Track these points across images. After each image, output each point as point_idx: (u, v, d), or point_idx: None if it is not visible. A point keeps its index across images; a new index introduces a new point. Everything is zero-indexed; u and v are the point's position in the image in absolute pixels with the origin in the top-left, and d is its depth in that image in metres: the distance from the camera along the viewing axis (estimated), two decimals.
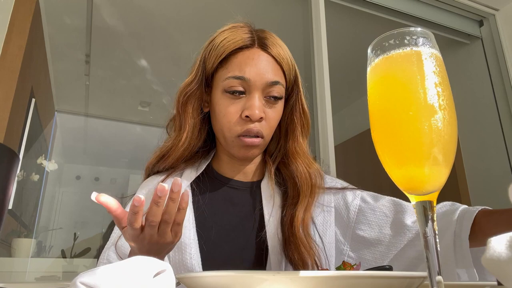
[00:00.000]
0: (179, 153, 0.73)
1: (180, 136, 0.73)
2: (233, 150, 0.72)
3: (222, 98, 0.71)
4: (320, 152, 1.67)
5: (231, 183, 0.78)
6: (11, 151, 0.33)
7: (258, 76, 0.69)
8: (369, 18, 2.04)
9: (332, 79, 1.75)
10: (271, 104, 0.72)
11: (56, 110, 3.07)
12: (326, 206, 0.77)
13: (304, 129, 0.78)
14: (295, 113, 0.77)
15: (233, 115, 0.69)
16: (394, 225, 0.72)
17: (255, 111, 0.68)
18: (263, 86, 0.70)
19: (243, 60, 0.70)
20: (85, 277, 0.32)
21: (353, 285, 0.38)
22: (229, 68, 0.71)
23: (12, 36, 1.33)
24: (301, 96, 0.77)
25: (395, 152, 0.34)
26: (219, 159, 0.79)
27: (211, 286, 0.39)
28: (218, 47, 0.71)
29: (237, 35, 0.72)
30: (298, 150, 0.76)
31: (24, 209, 2.14)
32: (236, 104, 0.70)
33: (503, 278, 0.31)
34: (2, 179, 0.31)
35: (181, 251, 0.68)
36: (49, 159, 2.47)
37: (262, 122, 0.70)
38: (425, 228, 0.33)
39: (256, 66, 0.69)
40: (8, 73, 1.35)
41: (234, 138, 0.70)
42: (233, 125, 0.70)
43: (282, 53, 0.74)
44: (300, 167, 0.74)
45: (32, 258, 2.06)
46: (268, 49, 0.72)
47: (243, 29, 0.74)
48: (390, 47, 0.35)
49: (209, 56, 0.73)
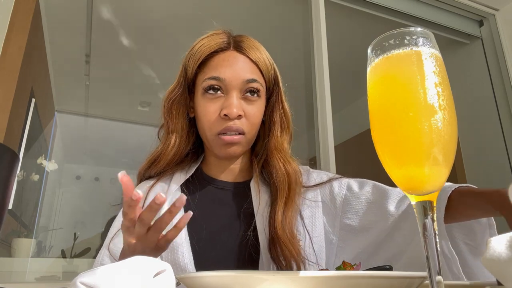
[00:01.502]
0: (169, 157, 0.76)
1: (169, 141, 0.76)
2: (216, 149, 0.75)
3: (202, 100, 0.74)
4: (320, 152, 1.67)
5: (219, 184, 0.80)
6: (11, 151, 0.33)
7: (234, 76, 0.72)
8: (369, 18, 2.04)
9: (332, 79, 1.75)
10: (250, 101, 0.74)
11: (56, 110, 3.07)
12: (313, 201, 0.79)
13: (284, 127, 0.80)
14: (275, 112, 0.79)
15: (212, 115, 0.72)
16: (378, 211, 0.74)
17: (233, 109, 0.70)
18: (239, 84, 0.72)
19: (219, 62, 0.74)
20: (85, 277, 0.32)
21: (353, 285, 0.38)
22: (206, 71, 0.74)
23: (12, 36, 1.33)
24: (281, 95, 0.80)
25: (395, 152, 0.34)
26: (208, 161, 0.82)
27: (211, 286, 0.39)
28: (196, 53, 0.75)
29: (213, 40, 0.76)
30: (276, 147, 0.77)
31: (24, 209, 2.14)
32: (214, 104, 0.73)
33: (503, 278, 0.31)
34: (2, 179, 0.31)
35: (173, 251, 0.69)
36: (49, 159, 2.47)
37: (242, 120, 0.73)
38: (425, 228, 0.33)
39: (231, 67, 0.73)
40: (8, 73, 1.35)
41: (215, 137, 0.73)
42: (212, 124, 0.72)
43: (258, 53, 0.77)
44: (277, 163, 0.76)
45: (32, 258, 2.06)
46: (244, 51, 0.75)
47: (220, 35, 0.77)
48: (390, 47, 0.35)
49: (189, 63, 0.76)
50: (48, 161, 2.35)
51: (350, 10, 1.99)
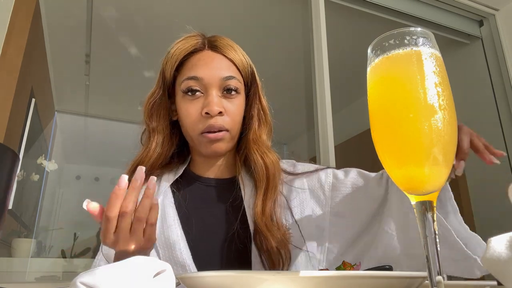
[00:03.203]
0: (152, 159, 0.76)
1: (150, 145, 0.77)
2: (201, 148, 0.76)
3: (182, 101, 0.76)
4: (320, 152, 1.67)
5: (208, 181, 0.82)
6: (11, 151, 0.33)
7: (211, 74, 0.74)
8: (369, 18, 2.04)
9: (332, 79, 1.75)
10: (230, 98, 0.76)
11: (56, 110, 3.07)
12: (301, 189, 0.81)
13: (262, 120, 0.82)
14: (253, 107, 0.81)
15: (194, 114, 0.74)
16: (365, 194, 0.77)
17: (214, 107, 0.71)
18: (217, 82, 0.74)
19: (194, 62, 0.76)
20: (85, 277, 0.32)
21: (353, 285, 0.38)
22: (183, 72, 0.76)
23: (12, 36, 1.33)
24: (259, 89, 0.82)
25: (395, 152, 0.34)
26: (194, 161, 0.84)
27: (211, 286, 0.39)
28: (172, 56, 0.77)
29: (187, 42, 0.78)
30: (253, 139, 0.79)
31: (24, 209, 2.14)
32: (195, 104, 0.74)
33: (503, 278, 0.31)
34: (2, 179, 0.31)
35: (170, 248, 0.71)
36: (49, 159, 2.47)
37: (223, 117, 0.74)
38: (425, 228, 0.33)
39: (207, 66, 0.74)
40: (8, 73, 1.35)
41: (199, 136, 0.74)
42: (195, 124, 0.74)
43: (233, 51, 0.78)
44: (254, 155, 0.77)
45: (32, 258, 2.06)
46: (219, 50, 0.77)
47: (194, 37, 0.79)
48: (390, 47, 0.35)
49: (166, 66, 0.78)
50: (48, 161, 2.35)
51: (350, 10, 1.99)
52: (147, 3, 2.11)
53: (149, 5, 2.12)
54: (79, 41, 2.34)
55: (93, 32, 2.26)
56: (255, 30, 2.35)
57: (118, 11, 2.17)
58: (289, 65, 2.62)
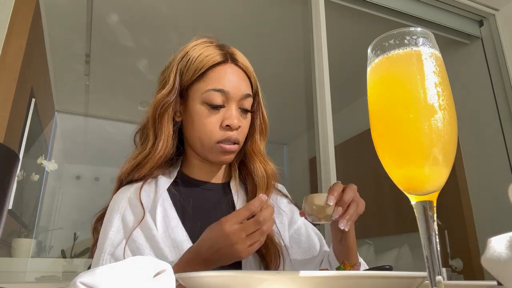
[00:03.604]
0: (155, 160, 0.78)
1: (156, 145, 0.78)
2: (211, 155, 0.79)
3: (201, 109, 0.77)
4: (320, 152, 1.67)
5: (204, 185, 0.84)
6: (11, 151, 0.33)
7: (235, 89, 0.77)
8: (369, 18, 2.04)
9: (332, 79, 1.75)
10: (243, 115, 0.80)
11: (56, 110, 3.07)
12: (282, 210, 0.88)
13: (263, 134, 0.87)
14: (256, 119, 0.85)
15: (214, 125, 0.76)
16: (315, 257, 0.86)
17: (235, 121, 0.76)
18: (239, 97, 0.78)
19: (221, 74, 0.77)
20: (85, 277, 0.32)
21: (353, 285, 0.38)
22: (207, 82, 0.77)
23: (12, 36, 1.33)
24: (261, 103, 0.86)
25: (395, 152, 0.34)
26: (190, 164, 0.85)
27: (211, 286, 0.39)
28: (195, 62, 0.78)
29: (211, 50, 0.79)
30: (256, 151, 0.85)
31: (24, 209, 2.14)
32: (216, 115, 0.77)
33: (503, 278, 0.31)
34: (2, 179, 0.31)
35: (178, 248, 0.71)
36: (49, 159, 2.47)
37: (239, 131, 0.78)
38: (425, 228, 0.33)
39: (233, 80, 0.78)
40: (8, 73, 1.35)
41: (214, 145, 0.77)
42: (212, 133, 0.76)
43: (249, 66, 0.83)
44: (258, 165, 0.84)
45: (32, 258, 2.06)
46: (240, 64, 0.80)
47: (213, 45, 0.81)
48: (390, 47, 0.35)
49: (187, 70, 0.79)
50: (48, 161, 2.35)
51: (350, 10, 1.99)
52: (147, 3, 2.11)
53: (149, 5, 2.12)
54: (79, 41, 2.34)
55: (93, 32, 2.26)
56: (255, 30, 2.35)
57: (118, 11, 2.17)
58: (289, 65, 2.62)
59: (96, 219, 0.82)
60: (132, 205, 0.75)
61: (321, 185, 1.63)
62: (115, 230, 0.73)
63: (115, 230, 0.73)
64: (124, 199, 0.77)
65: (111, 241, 0.72)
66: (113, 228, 0.73)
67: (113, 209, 0.76)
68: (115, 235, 0.72)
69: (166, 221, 0.74)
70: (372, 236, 2.72)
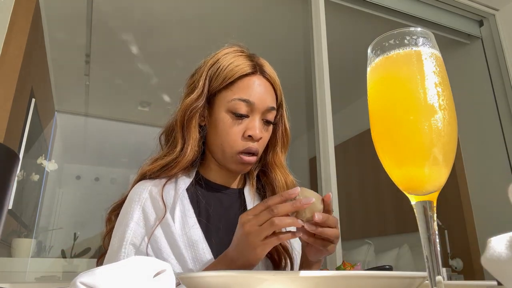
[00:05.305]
0: (184, 164, 0.79)
1: (185, 150, 0.79)
2: (230, 164, 0.80)
3: (226, 117, 0.78)
4: (320, 152, 1.67)
5: (219, 189, 0.85)
6: (11, 151, 0.33)
7: (261, 101, 0.78)
8: (369, 18, 2.04)
9: (332, 79, 1.75)
10: (266, 126, 0.81)
11: (56, 110, 3.07)
12: None
13: (284, 146, 0.88)
14: (278, 131, 0.86)
15: (237, 134, 0.78)
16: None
17: (257, 132, 0.77)
18: (263, 109, 0.79)
19: (249, 85, 0.79)
20: (85, 277, 0.32)
21: (353, 285, 0.38)
22: (234, 91, 0.78)
23: (12, 36, 1.33)
24: (285, 116, 0.87)
25: (395, 152, 0.34)
26: (208, 167, 0.86)
27: (211, 286, 0.39)
28: (225, 70, 0.79)
29: (241, 60, 0.80)
30: (277, 163, 0.86)
31: (24, 209, 2.14)
32: (239, 124, 0.78)
33: (503, 278, 0.31)
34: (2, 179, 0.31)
35: (194, 248, 0.73)
36: (49, 159, 2.47)
37: (259, 142, 0.79)
38: (425, 228, 0.33)
39: (260, 92, 0.79)
40: (8, 73, 1.35)
41: (234, 155, 0.78)
42: (235, 143, 0.78)
43: (276, 79, 0.84)
44: (279, 176, 0.85)
45: (32, 258, 2.06)
46: (268, 76, 0.82)
47: (244, 55, 0.83)
48: (390, 47, 0.35)
49: (216, 77, 0.80)
50: (48, 161, 2.36)
51: (350, 10, 1.99)
52: (148, 3, 2.11)
53: (149, 5, 2.12)
54: (79, 41, 2.34)
55: (93, 32, 2.26)
56: (255, 30, 2.35)
57: (118, 11, 2.17)
58: (289, 65, 2.62)
59: (111, 209, 0.83)
60: (153, 199, 0.77)
61: (321, 185, 1.63)
62: (136, 221, 0.74)
63: (136, 221, 0.74)
64: (145, 190, 0.78)
65: (133, 231, 0.73)
66: (134, 219, 0.74)
67: (133, 199, 0.76)
68: (136, 225, 0.73)
69: (184, 220, 0.75)
70: (372, 236, 2.72)
